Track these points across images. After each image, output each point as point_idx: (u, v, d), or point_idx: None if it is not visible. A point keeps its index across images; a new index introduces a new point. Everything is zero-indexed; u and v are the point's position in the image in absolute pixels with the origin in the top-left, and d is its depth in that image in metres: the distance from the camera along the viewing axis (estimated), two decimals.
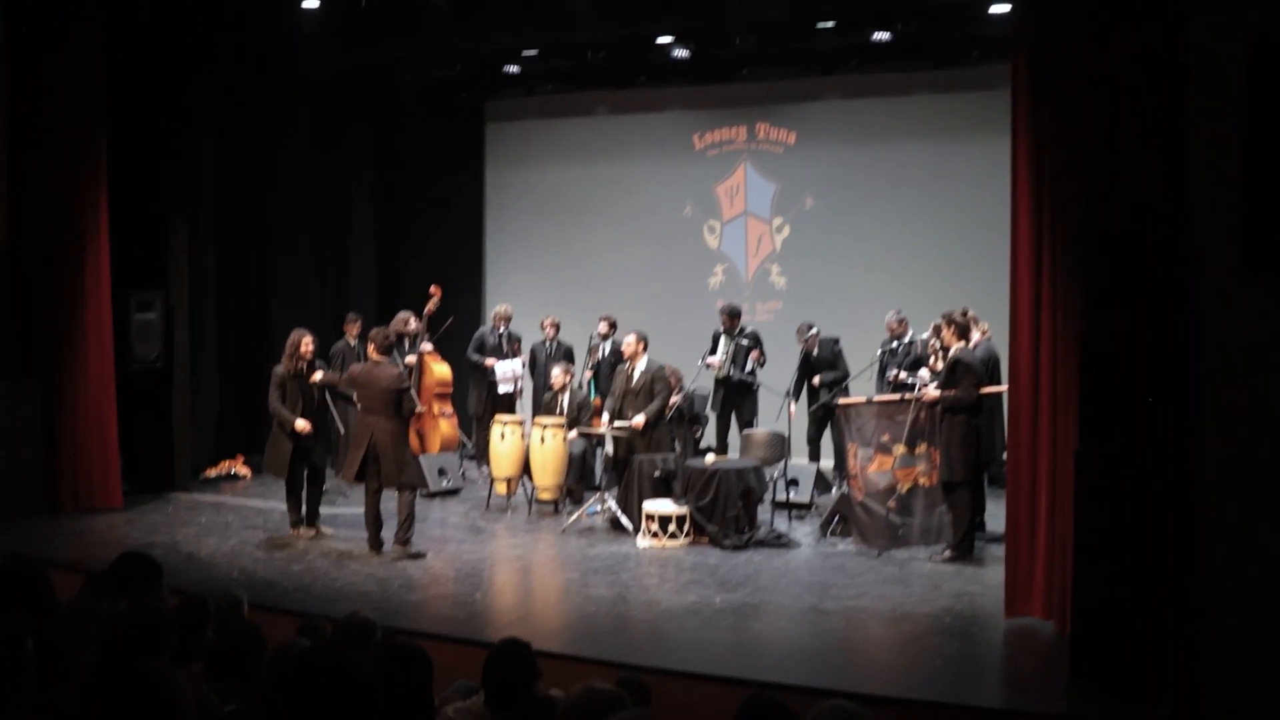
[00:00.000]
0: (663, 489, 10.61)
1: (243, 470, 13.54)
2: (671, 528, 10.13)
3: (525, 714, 4.35)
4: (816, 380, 12.09)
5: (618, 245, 14.78)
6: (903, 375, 10.88)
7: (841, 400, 10.20)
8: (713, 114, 14.28)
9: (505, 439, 11.61)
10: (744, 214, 14.21)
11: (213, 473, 13.41)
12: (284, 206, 14.31)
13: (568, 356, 13.32)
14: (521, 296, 14.82)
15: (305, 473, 10.63)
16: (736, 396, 12.58)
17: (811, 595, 8.59)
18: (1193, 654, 6.31)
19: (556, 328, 13.46)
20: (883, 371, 11.51)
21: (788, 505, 11.19)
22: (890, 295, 12.69)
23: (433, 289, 13.43)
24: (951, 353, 9.47)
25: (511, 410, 13.10)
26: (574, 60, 13.41)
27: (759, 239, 14.13)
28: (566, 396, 11.96)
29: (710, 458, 10.56)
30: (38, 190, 11.40)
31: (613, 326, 13.08)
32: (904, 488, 9.65)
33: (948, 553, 9.44)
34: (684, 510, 10.18)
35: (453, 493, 12.43)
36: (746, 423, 12.58)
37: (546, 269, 15.22)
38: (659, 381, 11.09)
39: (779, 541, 10.11)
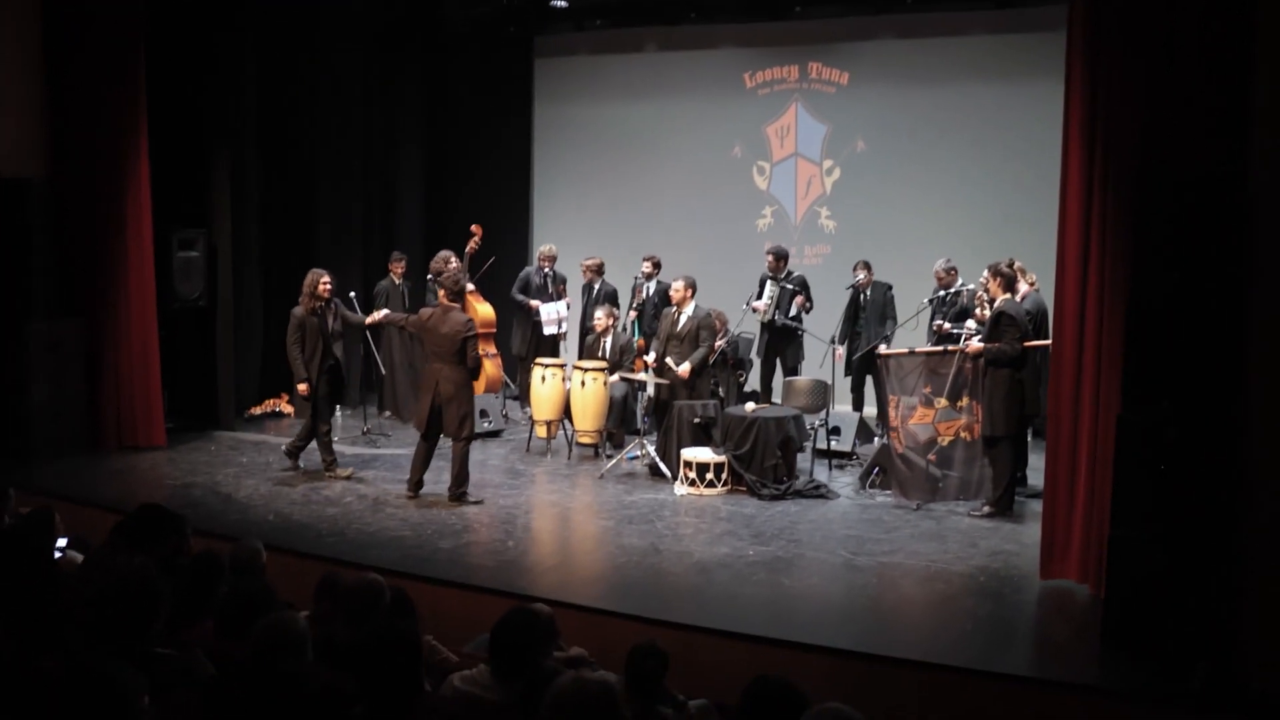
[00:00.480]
0: (702, 436, 10.49)
1: (287, 408, 13.56)
2: (709, 476, 10.02)
3: (532, 685, 4.27)
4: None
5: (665, 185, 14.57)
6: (947, 326, 10.66)
7: (883, 350, 10.00)
8: (764, 52, 13.97)
9: (546, 382, 11.53)
10: (794, 155, 13.94)
11: (257, 411, 13.46)
12: (330, 143, 14.21)
13: (610, 298, 13.18)
14: (569, 235, 14.69)
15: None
16: (780, 342, 12.40)
17: (846, 549, 8.47)
18: (1230, 626, 6.13)
19: (597, 269, 13.26)
20: (931, 321, 11.29)
21: (828, 454, 11.04)
22: (941, 242, 12.41)
23: (474, 228, 13.34)
24: (996, 304, 9.24)
25: (555, 352, 13.01)
26: None
27: (809, 181, 13.86)
28: (609, 340, 11.86)
29: (750, 406, 10.41)
30: (78, 124, 11.39)
31: (657, 267, 12.91)
32: (945, 440, 9.48)
33: (986, 508, 9.27)
34: (722, 459, 10.06)
35: (494, 434, 12.38)
36: (791, 369, 12.41)
37: (593, 208, 15.05)
38: (705, 329, 10.93)
39: (817, 492, 9.98)
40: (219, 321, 12.73)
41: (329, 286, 10.59)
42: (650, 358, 11.01)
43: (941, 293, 11.22)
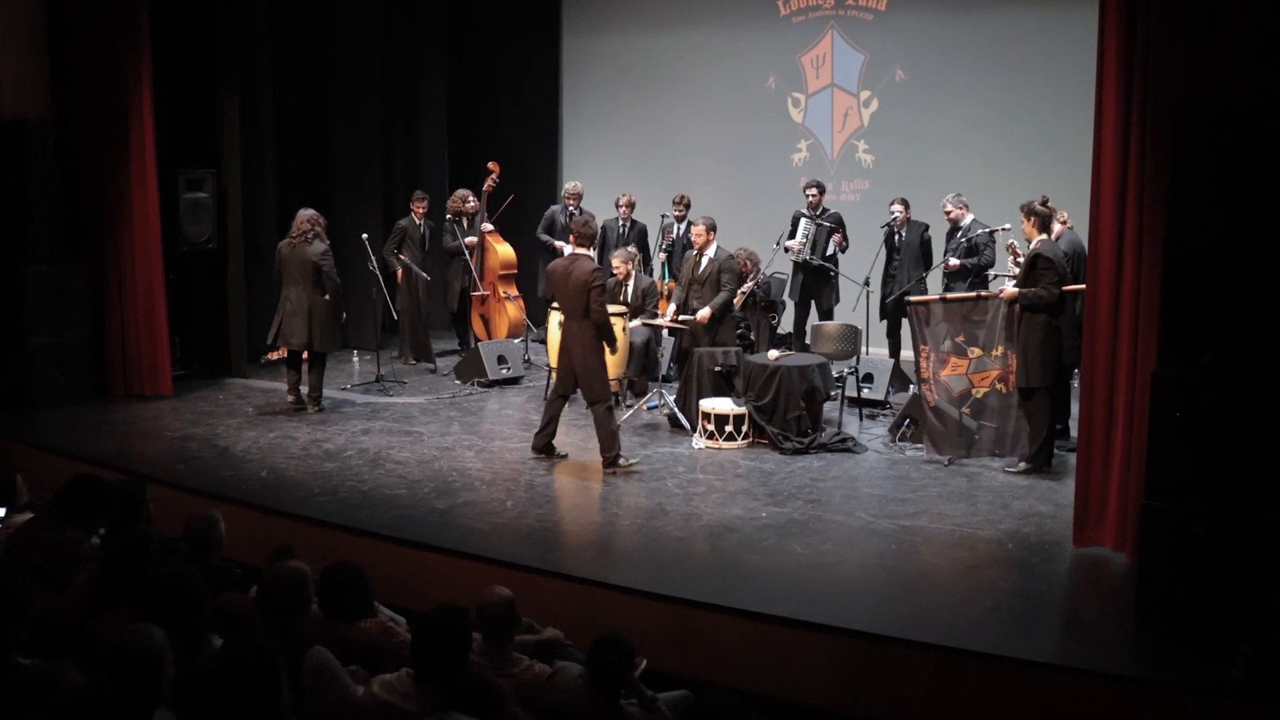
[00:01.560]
0: (723, 386, 9.94)
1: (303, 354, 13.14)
2: (729, 428, 9.47)
3: (456, 694, 3.78)
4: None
5: (697, 119, 13.92)
6: (954, 262, 10.20)
7: (913, 298, 9.34)
8: None
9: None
10: (830, 86, 13.19)
11: (274, 356, 13.02)
12: (348, 77, 13.67)
13: (641, 237, 12.61)
14: (597, 173, 14.18)
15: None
16: (815, 283, 11.79)
17: (867, 511, 7.90)
18: (1274, 607, 5.49)
19: (631, 206, 12.70)
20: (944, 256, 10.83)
21: (858, 403, 10.45)
22: (984, 179, 11.75)
23: (491, 165, 12.83)
24: (1032, 246, 8.55)
25: None
26: None
27: (845, 113, 13.12)
28: (631, 284, 11.29)
29: (774, 354, 9.82)
30: (78, 58, 10.93)
31: (687, 207, 12.30)
32: (980, 392, 8.87)
33: (1023, 465, 8.64)
34: (742, 410, 9.50)
35: (513, 381, 11.90)
36: (826, 312, 11.80)
37: (623, 144, 14.47)
38: (727, 272, 10.36)
39: (843, 446, 9.39)
40: (230, 265, 12.29)
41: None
42: (671, 306, 10.45)
43: (955, 230, 10.75)
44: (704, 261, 10.44)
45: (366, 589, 4.92)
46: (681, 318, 10.37)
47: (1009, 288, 8.67)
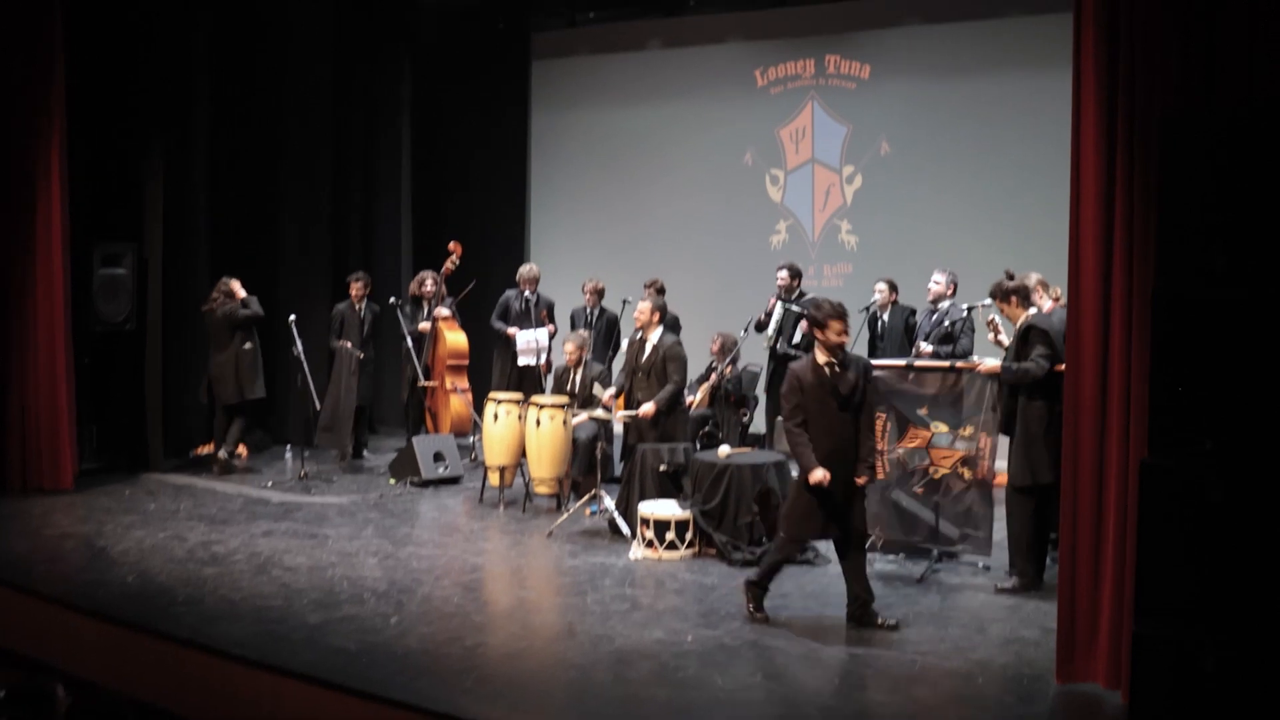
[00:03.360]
0: (670, 488, 8.70)
1: (239, 449, 11.99)
2: (670, 535, 8.19)
3: None
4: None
5: (671, 198, 12.92)
6: (926, 347, 9.26)
7: (876, 362, 8.09)
8: (776, 45, 12.24)
9: (499, 420, 9.81)
10: (810, 161, 12.13)
11: (204, 450, 11.90)
12: (297, 147, 12.63)
13: (611, 326, 11.44)
14: (565, 255, 13.22)
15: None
16: (783, 373, 10.56)
17: (814, 634, 6.60)
18: None
19: (598, 293, 11.56)
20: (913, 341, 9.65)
21: None
22: (978, 256, 10.58)
23: (452, 245, 11.79)
24: (1021, 321, 7.34)
25: (540, 389, 11.31)
26: None
27: (827, 191, 12.03)
28: (580, 372, 10.13)
29: (724, 449, 8.58)
30: None
31: (660, 292, 11.15)
32: (937, 472, 7.66)
33: (1015, 580, 7.31)
34: (686, 514, 8.24)
35: (451, 481, 10.68)
36: None
37: (593, 224, 13.50)
38: (673, 361, 9.22)
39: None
40: (149, 348, 11.21)
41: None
42: (610, 393, 9.30)
43: (933, 310, 9.64)
44: (648, 348, 9.32)
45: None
46: (622, 413, 9.21)
47: (989, 361, 7.46)
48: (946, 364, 7.89)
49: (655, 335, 9.33)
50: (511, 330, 11.55)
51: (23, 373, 10.21)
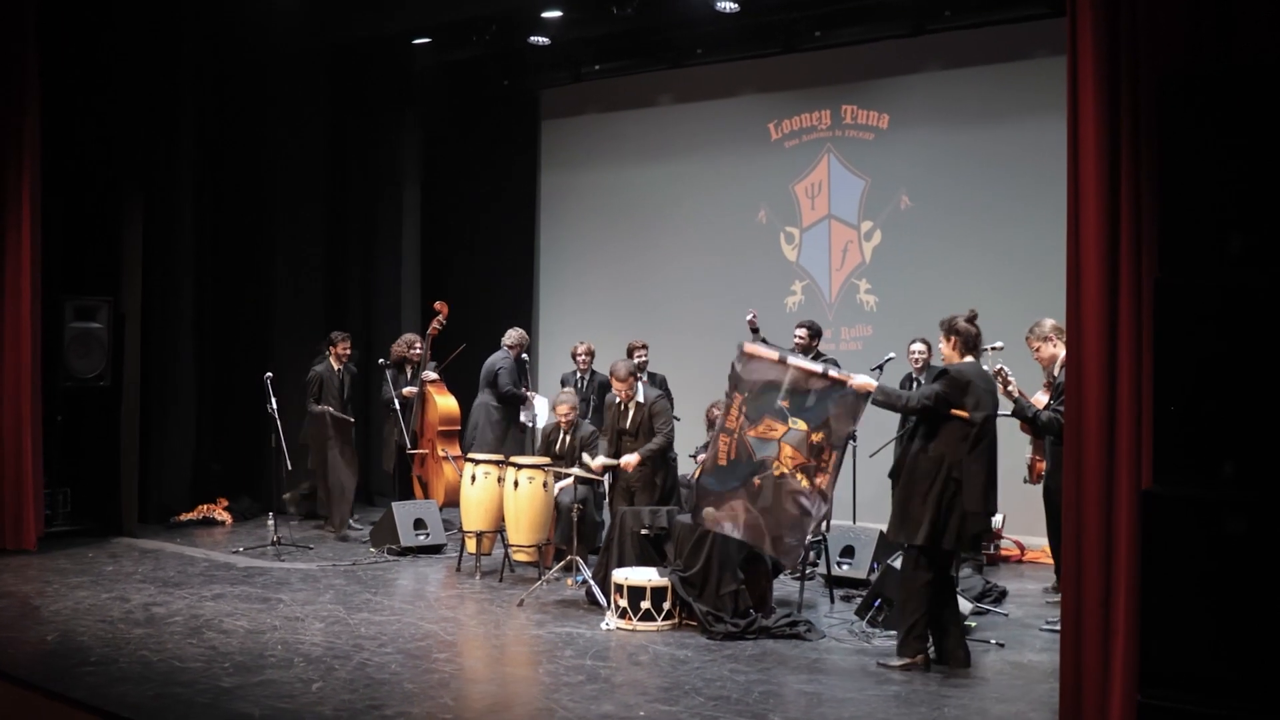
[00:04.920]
0: (652, 553, 7.89)
1: (223, 515, 11.35)
2: (645, 604, 7.36)
3: None
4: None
5: (681, 257, 12.28)
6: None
7: (748, 347, 7.27)
8: (791, 96, 11.58)
9: (476, 482, 9.08)
10: (827, 218, 11.40)
11: (187, 516, 11.25)
12: (292, 201, 12.08)
13: (602, 390, 10.69)
14: (574, 315, 12.75)
15: None
16: None
17: (783, 715, 5.74)
18: None
19: (590, 355, 10.90)
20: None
21: (832, 581, 8.34)
22: (1004, 313, 9.68)
23: (437, 305, 11.14)
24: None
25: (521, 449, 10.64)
26: (608, 23, 10.90)
27: (844, 248, 11.28)
28: (570, 434, 9.36)
29: (710, 512, 7.74)
30: None
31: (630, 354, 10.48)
32: (778, 470, 6.86)
33: (898, 661, 6.48)
34: (664, 582, 7.42)
35: (433, 550, 9.92)
36: None
37: (603, 284, 12.87)
38: (659, 416, 8.55)
39: (793, 630, 7.24)
40: (125, 406, 10.61)
41: None
42: (599, 461, 8.53)
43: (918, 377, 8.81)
44: (631, 409, 8.60)
45: None
46: (599, 460, 8.46)
47: (860, 378, 6.76)
48: (819, 368, 7.06)
49: (639, 394, 8.61)
50: (531, 393, 10.96)
51: None
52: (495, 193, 13.28)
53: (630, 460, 8.36)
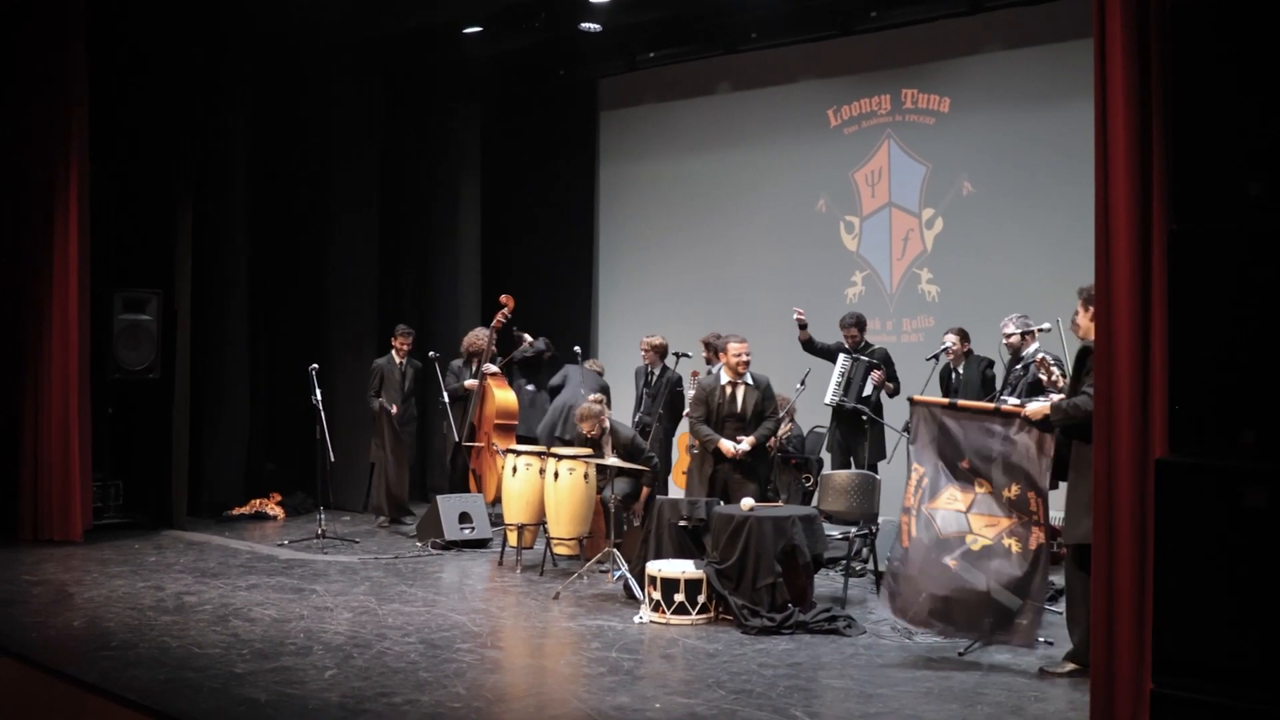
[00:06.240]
0: (690, 545, 7.64)
1: (275, 510, 11.30)
2: (679, 597, 7.11)
3: None
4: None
5: (741, 248, 11.96)
6: (1012, 403, 7.24)
7: (917, 397, 6.85)
8: (849, 82, 11.22)
9: (518, 474, 8.89)
10: (887, 205, 11.03)
11: (238, 511, 11.22)
12: (350, 193, 11.99)
13: (673, 386, 10.38)
14: (633, 308, 12.54)
15: None
16: (852, 432, 9.47)
17: (807, 709, 5.45)
18: None
19: (658, 350, 10.50)
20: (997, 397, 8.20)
21: (878, 576, 8.01)
22: (1068, 302, 9.25)
23: (503, 298, 10.94)
24: (1083, 343, 6.10)
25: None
26: (660, 7, 10.69)
27: (905, 237, 10.91)
28: (607, 445, 9.01)
29: (747, 503, 7.47)
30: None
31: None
32: (978, 543, 6.22)
33: (1069, 666, 6.00)
34: (699, 575, 7.15)
35: (478, 544, 9.75)
36: (870, 468, 9.37)
37: (661, 275, 12.62)
38: (769, 399, 8.31)
39: (831, 625, 6.93)
40: (176, 399, 10.60)
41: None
42: (743, 446, 8.13)
43: (1017, 365, 8.22)
44: (740, 393, 8.20)
45: None
46: (721, 441, 8.06)
47: (1035, 404, 6.21)
48: (991, 406, 6.63)
49: (747, 377, 8.24)
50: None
51: (35, 420, 9.77)
52: (554, 185, 13.11)
53: (730, 448, 7.98)
